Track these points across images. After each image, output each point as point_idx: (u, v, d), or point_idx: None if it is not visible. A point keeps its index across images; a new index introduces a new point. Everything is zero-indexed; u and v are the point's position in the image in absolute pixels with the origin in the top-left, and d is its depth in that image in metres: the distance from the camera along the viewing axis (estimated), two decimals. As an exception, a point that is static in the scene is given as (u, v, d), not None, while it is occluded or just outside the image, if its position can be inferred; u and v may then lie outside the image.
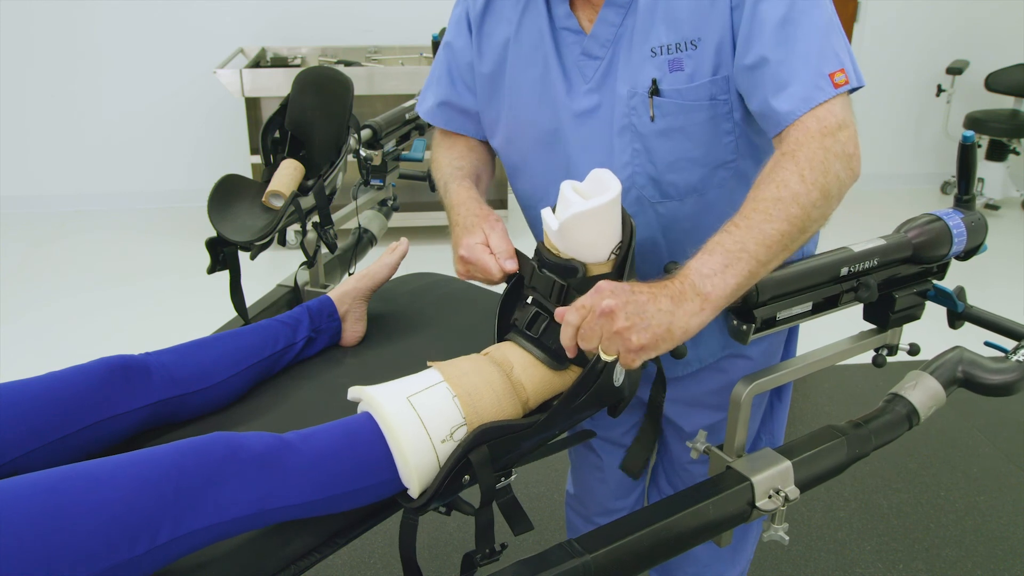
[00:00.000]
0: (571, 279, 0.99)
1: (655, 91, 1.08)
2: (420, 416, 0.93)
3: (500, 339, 1.09)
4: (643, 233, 1.17)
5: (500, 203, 4.22)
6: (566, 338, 0.93)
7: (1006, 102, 4.86)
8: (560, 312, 0.93)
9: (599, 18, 1.11)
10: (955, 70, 4.69)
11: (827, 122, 0.99)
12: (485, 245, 1.10)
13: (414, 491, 0.93)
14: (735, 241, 0.93)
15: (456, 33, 1.26)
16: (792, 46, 1.01)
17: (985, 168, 4.73)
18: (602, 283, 0.91)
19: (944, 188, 5.08)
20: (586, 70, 1.13)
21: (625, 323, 0.88)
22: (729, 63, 1.06)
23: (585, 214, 0.95)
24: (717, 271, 0.91)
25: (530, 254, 1.10)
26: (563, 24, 1.14)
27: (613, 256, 0.99)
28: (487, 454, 0.93)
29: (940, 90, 4.80)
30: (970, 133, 1.26)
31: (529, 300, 1.06)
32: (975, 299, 1.33)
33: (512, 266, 1.08)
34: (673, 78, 1.07)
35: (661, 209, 1.16)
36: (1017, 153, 4.72)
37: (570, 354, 0.96)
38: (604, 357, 0.91)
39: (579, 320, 0.91)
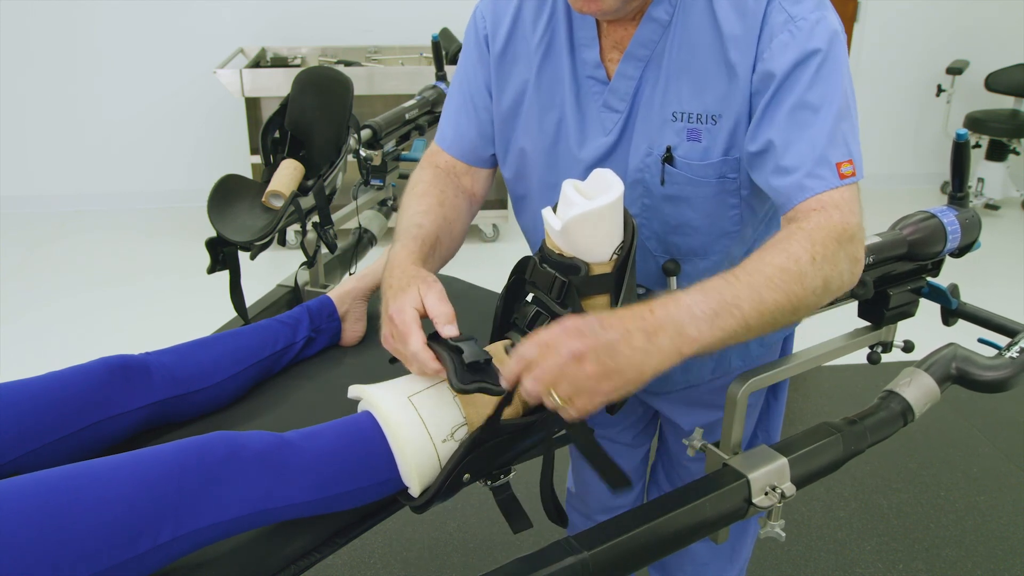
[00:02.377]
0: (573, 277, 0.99)
1: (668, 158, 1.07)
2: (421, 415, 0.93)
3: (500, 337, 1.09)
4: (642, 278, 1.16)
5: (500, 203, 4.22)
6: (510, 371, 0.84)
7: (1006, 102, 4.86)
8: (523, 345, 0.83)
9: (617, 71, 1.08)
10: (955, 70, 4.68)
11: (848, 221, 0.95)
12: (418, 309, 0.95)
13: (415, 490, 0.93)
14: (733, 294, 0.87)
15: (469, 56, 1.21)
16: (801, 131, 0.97)
17: (985, 168, 4.73)
18: (568, 320, 0.83)
19: (944, 188, 5.08)
20: (606, 122, 1.11)
21: (595, 367, 0.80)
22: (741, 145, 1.04)
23: (589, 214, 0.94)
24: (708, 316, 0.85)
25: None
26: (590, 73, 1.11)
27: (615, 256, 0.99)
28: (491, 448, 0.94)
29: (940, 90, 4.80)
30: (964, 131, 1.26)
31: (529, 298, 1.06)
32: (975, 298, 1.33)
33: (452, 331, 0.94)
34: (689, 148, 1.05)
35: (663, 262, 1.16)
36: (1017, 153, 4.72)
37: (506, 385, 0.86)
38: (555, 402, 0.82)
39: (536, 356, 0.82)
